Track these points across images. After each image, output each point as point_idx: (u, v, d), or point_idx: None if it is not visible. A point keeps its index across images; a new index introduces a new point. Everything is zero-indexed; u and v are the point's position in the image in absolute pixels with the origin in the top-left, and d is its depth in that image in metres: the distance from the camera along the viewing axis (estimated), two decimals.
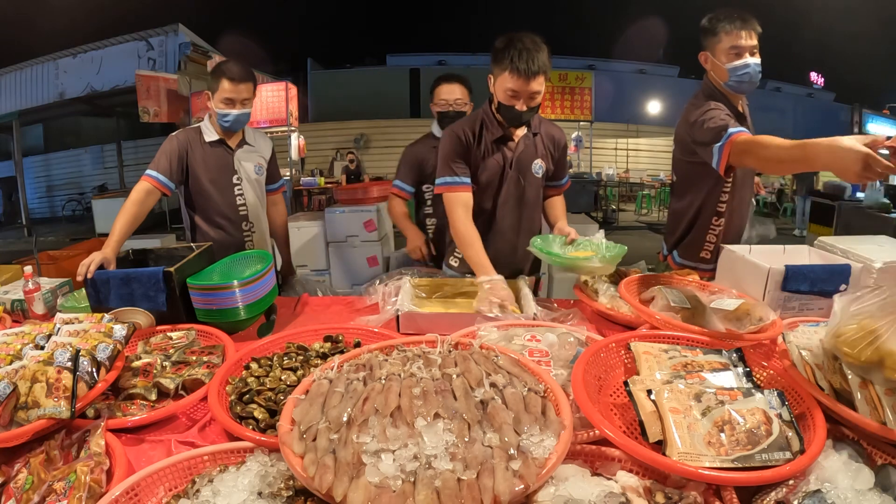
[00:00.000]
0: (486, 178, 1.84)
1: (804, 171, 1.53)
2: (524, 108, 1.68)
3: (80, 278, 1.53)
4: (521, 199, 1.89)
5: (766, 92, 14.86)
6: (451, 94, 2.39)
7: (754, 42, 1.72)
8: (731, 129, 1.62)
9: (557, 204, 2.05)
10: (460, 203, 1.77)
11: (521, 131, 1.86)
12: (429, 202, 2.55)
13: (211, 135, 2.09)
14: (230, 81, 1.99)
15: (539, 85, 1.65)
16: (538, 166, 1.89)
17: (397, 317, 1.52)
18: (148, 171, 1.97)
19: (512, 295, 1.62)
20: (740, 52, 1.71)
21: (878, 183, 6.15)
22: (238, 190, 2.16)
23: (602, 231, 1.82)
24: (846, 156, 1.14)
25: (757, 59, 1.73)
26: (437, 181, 1.82)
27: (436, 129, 2.46)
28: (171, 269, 1.48)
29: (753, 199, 1.91)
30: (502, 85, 1.67)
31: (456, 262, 2.00)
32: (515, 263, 1.90)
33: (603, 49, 14.53)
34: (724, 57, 1.74)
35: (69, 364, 1.04)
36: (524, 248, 1.81)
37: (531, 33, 1.65)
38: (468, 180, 1.80)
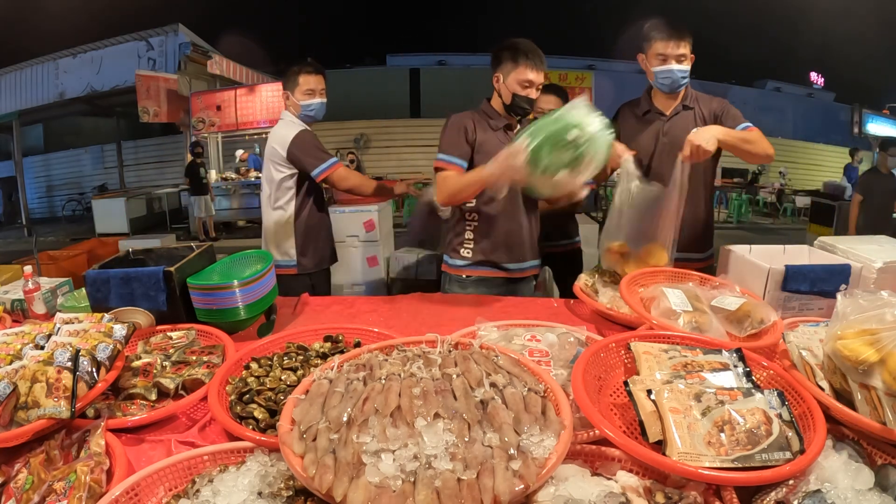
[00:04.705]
0: None
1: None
2: (536, 96, 1.89)
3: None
4: None
5: (766, 92, 14.83)
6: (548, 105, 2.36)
7: (681, 51, 1.88)
8: None
9: None
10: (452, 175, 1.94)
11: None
12: None
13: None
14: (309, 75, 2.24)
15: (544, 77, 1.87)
16: None
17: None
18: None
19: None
20: (666, 59, 1.88)
21: None
22: None
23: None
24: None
25: (682, 67, 1.88)
26: (442, 157, 1.88)
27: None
28: (171, 269, 1.48)
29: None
30: (518, 77, 1.84)
31: (468, 252, 1.97)
32: (527, 242, 1.98)
33: (603, 49, 14.49)
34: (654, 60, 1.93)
35: (69, 364, 1.04)
36: (535, 227, 1.98)
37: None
38: (465, 164, 1.91)
